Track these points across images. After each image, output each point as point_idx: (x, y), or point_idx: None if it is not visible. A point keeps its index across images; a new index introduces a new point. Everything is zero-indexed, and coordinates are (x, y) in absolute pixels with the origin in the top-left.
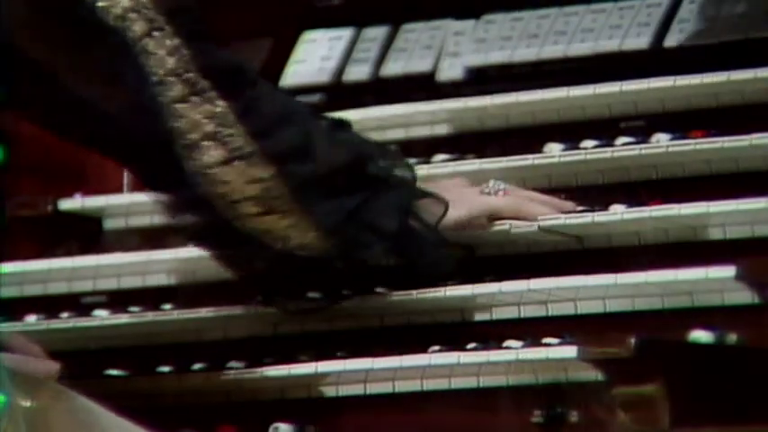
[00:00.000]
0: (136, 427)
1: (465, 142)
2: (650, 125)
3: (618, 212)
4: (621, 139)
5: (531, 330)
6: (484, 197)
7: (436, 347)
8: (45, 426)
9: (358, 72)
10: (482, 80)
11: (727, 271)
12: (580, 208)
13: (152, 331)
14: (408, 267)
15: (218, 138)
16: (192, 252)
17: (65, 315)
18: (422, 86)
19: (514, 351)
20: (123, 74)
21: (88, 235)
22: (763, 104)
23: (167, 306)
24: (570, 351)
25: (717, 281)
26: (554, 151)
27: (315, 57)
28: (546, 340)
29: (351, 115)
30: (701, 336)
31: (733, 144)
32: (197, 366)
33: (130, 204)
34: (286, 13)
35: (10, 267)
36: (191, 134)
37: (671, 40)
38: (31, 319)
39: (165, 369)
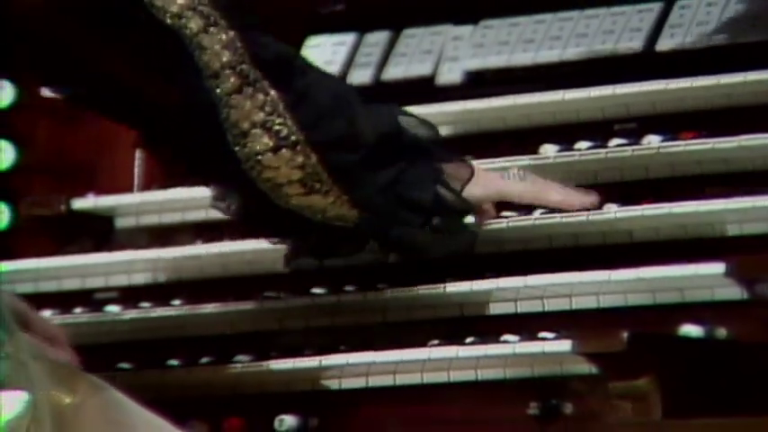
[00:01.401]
0: (167, 424)
1: (464, 143)
2: (642, 127)
3: (611, 211)
4: (614, 141)
5: (528, 325)
6: (502, 180)
7: (436, 342)
8: (77, 422)
9: (360, 76)
10: (480, 83)
11: (717, 268)
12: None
13: (161, 326)
14: (436, 242)
15: (267, 126)
16: (199, 249)
17: (78, 310)
18: (422, 90)
19: (511, 345)
20: (179, 70)
21: (100, 233)
22: (752, 107)
23: (176, 302)
24: (565, 345)
25: (707, 277)
26: (549, 152)
27: (319, 61)
28: (542, 335)
29: None
30: (691, 330)
31: (722, 145)
32: (204, 360)
33: (141, 204)
34: (291, 19)
35: (25, 264)
36: (242, 123)
37: (662, 45)
38: (46, 314)
39: (174, 362)
